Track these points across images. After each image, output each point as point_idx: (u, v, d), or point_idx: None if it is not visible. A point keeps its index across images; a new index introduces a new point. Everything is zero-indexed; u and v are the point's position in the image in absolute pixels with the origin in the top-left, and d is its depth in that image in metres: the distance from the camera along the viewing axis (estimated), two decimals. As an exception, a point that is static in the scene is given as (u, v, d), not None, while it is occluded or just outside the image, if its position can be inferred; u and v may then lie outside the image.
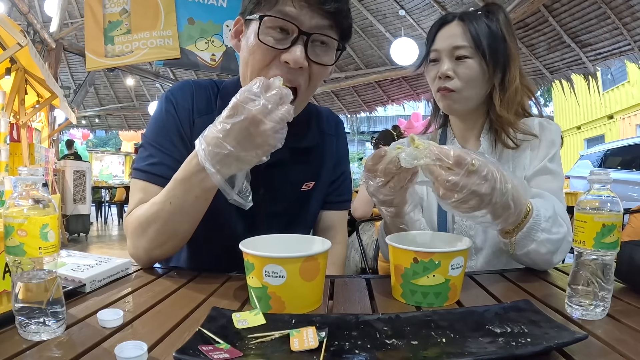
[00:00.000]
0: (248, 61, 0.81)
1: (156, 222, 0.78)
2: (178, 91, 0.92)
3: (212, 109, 0.91)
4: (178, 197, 0.74)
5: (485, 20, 0.99)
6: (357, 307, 0.67)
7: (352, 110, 8.06)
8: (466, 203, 0.67)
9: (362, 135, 20.25)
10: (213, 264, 0.93)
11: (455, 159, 0.65)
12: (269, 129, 0.65)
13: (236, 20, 0.86)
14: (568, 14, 4.84)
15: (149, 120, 0.94)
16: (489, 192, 0.66)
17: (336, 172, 1.05)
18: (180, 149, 0.87)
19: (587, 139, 13.16)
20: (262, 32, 0.77)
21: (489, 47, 0.97)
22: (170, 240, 0.81)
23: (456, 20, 1.01)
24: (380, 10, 5.97)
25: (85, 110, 8.80)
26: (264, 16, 0.76)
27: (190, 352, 0.45)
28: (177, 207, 0.75)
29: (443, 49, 1.00)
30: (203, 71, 5.05)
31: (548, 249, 0.80)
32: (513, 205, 0.72)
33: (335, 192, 1.05)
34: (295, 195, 0.96)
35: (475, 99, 1.02)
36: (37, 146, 4.81)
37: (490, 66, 0.98)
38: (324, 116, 1.05)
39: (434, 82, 1.03)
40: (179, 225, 0.78)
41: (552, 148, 0.99)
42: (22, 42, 3.20)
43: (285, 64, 0.77)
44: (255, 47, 0.79)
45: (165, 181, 0.82)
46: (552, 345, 0.47)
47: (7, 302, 0.55)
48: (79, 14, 6.38)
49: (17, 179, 0.52)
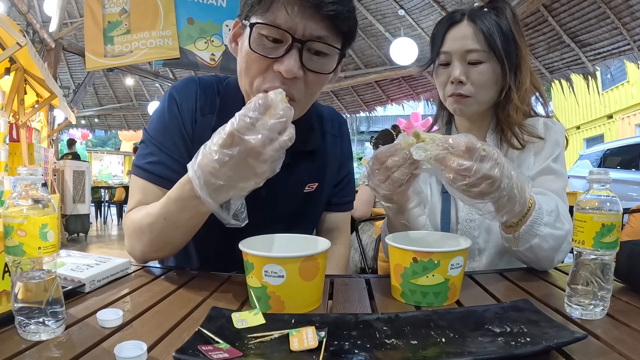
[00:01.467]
0: (242, 70, 0.78)
1: (151, 232, 0.78)
2: (182, 89, 0.91)
3: (215, 108, 0.90)
4: (172, 214, 0.74)
5: (496, 19, 0.96)
6: (356, 307, 0.67)
7: (352, 110, 8.06)
8: (477, 187, 0.67)
9: (361, 135, 20.23)
10: (213, 263, 0.93)
11: (467, 146, 0.66)
12: (268, 159, 0.61)
13: (234, 23, 0.83)
14: (567, 13, 4.85)
15: (152, 116, 0.93)
16: (499, 176, 0.67)
17: (340, 174, 1.04)
18: (180, 149, 0.86)
19: (587, 139, 13.16)
20: (255, 40, 0.74)
21: (502, 49, 0.94)
22: (165, 248, 0.82)
23: (466, 20, 0.97)
24: (380, 10, 5.97)
25: (84, 110, 8.79)
26: (254, 24, 0.73)
27: (190, 352, 0.45)
28: (171, 223, 0.75)
29: (454, 51, 0.96)
30: (202, 71, 5.05)
31: (550, 245, 0.79)
32: (518, 194, 0.72)
33: (339, 194, 1.04)
34: (298, 197, 0.95)
35: (488, 103, 1.00)
36: (36, 146, 4.80)
37: (503, 69, 0.96)
38: (328, 116, 1.03)
39: (445, 87, 1.00)
40: (173, 238, 0.79)
41: (557, 148, 0.98)
42: (21, 42, 3.19)
43: (279, 73, 0.73)
44: (248, 56, 0.75)
45: (164, 181, 0.83)
46: (552, 344, 0.47)
47: (7, 302, 0.55)
48: (78, 13, 6.38)
49: (17, 179, 0.52)
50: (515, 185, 0.70)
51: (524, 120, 1.00)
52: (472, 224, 1.01)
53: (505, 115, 0.99)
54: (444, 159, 0.68)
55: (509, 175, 0.69)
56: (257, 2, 0.73)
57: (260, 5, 0.72)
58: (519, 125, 0.98)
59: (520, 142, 0.98)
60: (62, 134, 8.86)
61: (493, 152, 0.67)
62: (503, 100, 0.99)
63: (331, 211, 1.05)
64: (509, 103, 0.98)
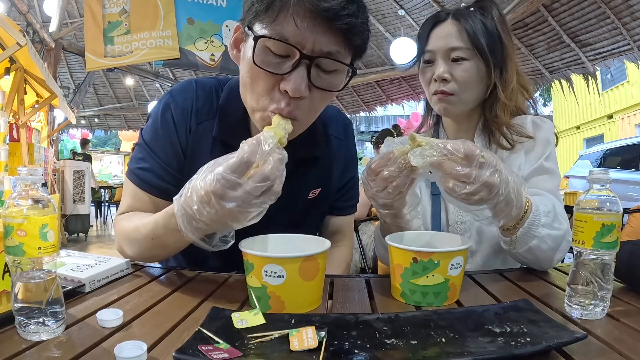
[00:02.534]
0: (247, 85, 0.73)
1: (139, 245, 0.80)
2: (179, 95, 0.88)
3: (213, 114, 0.87)
4: (160, 237, 0.74)
5: (481, 17, 0.96)
6: (356, 307, 0.67)
7: (352, 110, 8.07)
8: (476, 194, 0.66)
9: (361, 135, 20.23)
10: (212, 263, 0.93)
11: (466, 152, 0.65)
12: (250, 214, 0.60)
13: (236, 27, 0.77)
14: (567, 13, 4.85)
15: (148, 116, 0.93)
16: (499, 183, 0.66)
17: (344, 178, 1.01)
18: (171, 158, 0.86)
19: (587, 139, 13.16)
20: (259, 54, 0.68)
21: (487, 47, 0.94)
22: (154, 259, 0.85)
23: (450, 18, 0.97)
24: (380, 10, 5.98)
25: (84, 110, 8.80)
26: (259, 37, 0.67)
27: (190, 352, 0.45)
28: (158, 243, 0.76)
29: (438, 49, 0.96)
30: (202, 71, 5.06)
31: (549, 246, 0.79)
32: (515, 199, 0.71)
33: (343, 198, 1.03)
34: (301, 204, 0.93)
35: (473, 102, 0.99)
36: (36, 146, 4.80)
37: (487, 67, 0.95)
38: (333, 119, 0.99)
39: (430, 85, 1.00)
40: (159, 254, 0.82)
41: (548, 147, 0.97)
42: (21, 42, 3.20)
43: (285, 92, 0.69)
44: (252, 71, 0.71)
45: (152, 189, 0.85)
46: (552, 344, 0.47)
47: (7, 302, 0.55)
48: (78, 13, 6.38)
49: (17, 179, 0.52)
50: (512, 189, 0.70)
51: (512, 119, 0.99)
52: (462, 226, 1.01)
53: (492, 116, 0.98)
54: (442, 165, 0.67)
55: (507, 181, 0.68)
56: (263, 11, 0.66)
57: (267, 14, 0.66)
58: (508, 126, 0.98)
59: (509, 142, 0.97)
60: (62, 134, 8.87)
61: (492, 158, 0.67)
62: (489, 100, 0.99)
63: (335, 215, 1.03)
64: (496, 102, 0.97)
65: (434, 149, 0.67)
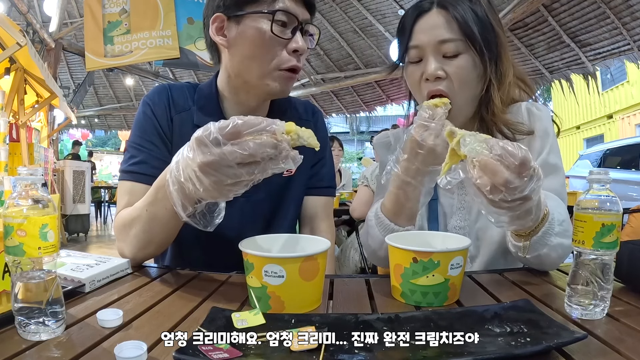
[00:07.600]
0: (256, 55, 0.85)
1: (135, 226, 0.80)
2: (154, 95, 0.97)
3: (189, 106, 0.96)
4: (152, 205, 0.75)
5: (469, 4, 0.85)
6: (356, 307, 0.67)
7: (352, 109, 8.07)
8: (511, 203, 0.61)
9: (361, 135, 20.24)
10: (212, 263, 0.92)
11: (522, 160, 0.58)
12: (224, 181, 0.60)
13: (216, 17, 0.87)
14: (567, 13, 4.86)
15: (132, 127, 0.98)
16: (537, 198, 0.63)
17: (316, 156, 1.02)
18: (160, 147, 0.92)
19: (587, 139, 13.16)
20: (275, 26, 0.83)
21: (481, 37, 0.83)
22: (149, 246, 0.83)
23: (435, 7, 0.86)
24: (380, 10, 5.98)
25: (84, 110, 8.81)
26: (275, 11, 0.83)
27: (190, 352, 0.45)
28: (152, 215, 0.76)
29: (426, 44, 0.85)
30: (202, 70, 5.08)
31: (558, 254, 0.77)
32: (534, 210, 0.66)
33: (316, 177, 1.06)
34: (278, 180, 0.97)
35: (472, 103, 0.90)
36: (36, 146, 4.81)
37: (483, 60, 0.85)
38: (301, 105, 1.09)
39: (420, 86, 0.88)
40: (155, 235, 0.80)
41: (547, 138, 0.90)
42: (21, 42, 3.20)
43: (294, 52, 0.85)
44: (263, 41, 0.84)
45: (150, 178, 0.84)
46: (552, 344, 0.47)
47: (7, 302, 0.55)
48: (78, 13, 6.38)
49: (17, 179, 0.52)
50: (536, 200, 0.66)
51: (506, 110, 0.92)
52: (461, 231, 0.95)
53: (490, 115, 0.90)
54: (488, 164, 0.59)
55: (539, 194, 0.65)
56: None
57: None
58: (506, 124, 0.90)
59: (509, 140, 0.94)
60: (62, 134, 8.87)
61: (540, 172, 0.61)
62: (485, 97, 0.90)
63: (310, 195, 1.06)
64: (492, 100, 0.88)
65: (490, 144, 0.60)
